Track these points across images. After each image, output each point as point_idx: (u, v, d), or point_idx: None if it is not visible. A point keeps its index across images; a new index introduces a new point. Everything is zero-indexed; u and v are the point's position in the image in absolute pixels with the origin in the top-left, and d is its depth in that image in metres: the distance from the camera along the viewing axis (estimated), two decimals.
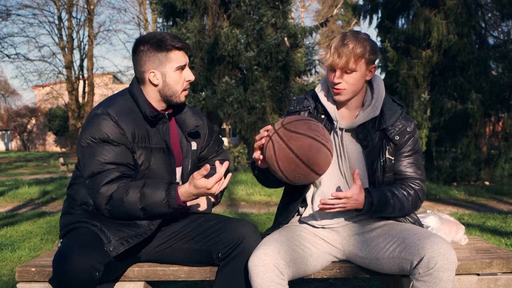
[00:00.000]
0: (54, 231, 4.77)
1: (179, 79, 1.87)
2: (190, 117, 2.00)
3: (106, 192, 1.74)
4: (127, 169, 1.80)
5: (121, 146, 1.78)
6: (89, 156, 1.77)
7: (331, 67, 1.80)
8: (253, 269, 1.64)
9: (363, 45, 1.78)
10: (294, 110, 1.98)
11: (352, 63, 1.77)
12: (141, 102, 1.86)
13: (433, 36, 9.83)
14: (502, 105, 9.95)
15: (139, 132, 1.83)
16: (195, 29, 11.62)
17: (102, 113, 1.79)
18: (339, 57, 1.76)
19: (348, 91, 1.83)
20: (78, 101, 28.10)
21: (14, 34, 39.71)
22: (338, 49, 1.76)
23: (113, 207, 1.75)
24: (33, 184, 9.45)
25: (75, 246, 1.63)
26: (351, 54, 1.75)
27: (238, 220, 1.90)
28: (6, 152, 32.59)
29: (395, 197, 1.81)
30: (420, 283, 1.62)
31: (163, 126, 1.90)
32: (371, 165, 1.85)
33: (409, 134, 1.86)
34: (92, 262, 1.57)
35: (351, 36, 1.79)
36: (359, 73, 1.80)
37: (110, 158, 1.76)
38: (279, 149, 1.67)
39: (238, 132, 11.69)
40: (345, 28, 30.17)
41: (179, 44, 1.84)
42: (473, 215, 5.61)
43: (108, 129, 1.77)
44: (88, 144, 1.77)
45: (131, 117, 1.83)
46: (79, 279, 1.54)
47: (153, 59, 1.83)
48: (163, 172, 1.89)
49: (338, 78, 1.80)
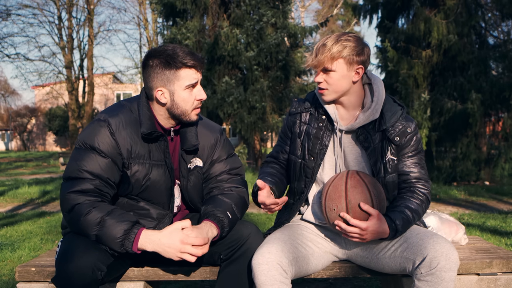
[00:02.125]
0: (54, 231, 4.77)
1: (189, 98, 1.77)
2: (193, 135, 1.86)
3: (71, 200, 1.66)
4: (104, 185, 1.71)
5: (107, 159, 1.72)
6: (72, 159, 1.74)
7: (310, 67, 1.83)
8: (256, 267, 1.64)
9: (342, 45, 1.76)
10: (295, 111, 1.99)
11: (328, 62, 1.77)
12: (142, 118, 1.77)
13: (433, 36, 9.84)
14: (502, 105, 9.95)
15: (138, 148, 1.77)
16: (195, 29, 11.61)
17: (103, 120, 1.75)
18: (313, 57, 1.79)
19: (330, 91, 1.83)
20: (78, 101, 28.08)
21: (14, 34, 39.70)
22: (316, 49, 1.79)
23: (71, 219, 1.68)
24: (33, 184, 9.45)
25: (79, 246, 1.62)
26: (327, 53, 1.76)
27: (241, 221, 1.88)
28: (6, 152, 32.58)
29: (414, 212, 1.79)
30: (422, 283, 1.63)
31: (163, 143, 1.82)
32: (374, 166, 1.85)
33: (410, 135, 1.85)
34: (95, 262, 1.56)
35: (334, 36, 1.80)
36: (338, 73, 1.79)
37: (90, 167, 1.69)
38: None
39: (238, 132, 11.68)
40: (345, 28, 30.16)
41: (191, 62, 1.72)
42: (473, 215, 5.61)
43: (101, 138, 1.72)
44: (79, 147, 1.75)
45: (133, 131, 1.76)
46: (82, 279, 1.53)
47: (161, 77, 1.74)
48: (162, 188, 1.84)
49: (318, 78, 1.83)
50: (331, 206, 1.74)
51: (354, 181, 1.74)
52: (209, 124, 1.99)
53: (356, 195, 1.71)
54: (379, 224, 1.69)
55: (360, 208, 1.70)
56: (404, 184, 1.87)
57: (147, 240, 1.61)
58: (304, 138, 1.93)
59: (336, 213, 1.73)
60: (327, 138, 1.89)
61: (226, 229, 1.77)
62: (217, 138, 1.96)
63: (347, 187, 1.73)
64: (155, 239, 1.61)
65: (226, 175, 1.94)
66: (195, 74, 1.76)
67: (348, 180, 1.75)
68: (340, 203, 1.72)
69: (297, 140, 1.95)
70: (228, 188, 1.91)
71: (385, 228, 1.70)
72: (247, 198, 1.95)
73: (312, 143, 1.90)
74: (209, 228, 1.71)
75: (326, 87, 1.83)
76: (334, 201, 1.73)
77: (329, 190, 1.77)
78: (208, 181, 1.94)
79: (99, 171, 1.70)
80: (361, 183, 1.74)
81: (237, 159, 2.02)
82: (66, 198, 1.68)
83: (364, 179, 1.76)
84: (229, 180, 1.94)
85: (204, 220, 1.74)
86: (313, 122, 1.93)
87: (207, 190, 1.93)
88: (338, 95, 1.85)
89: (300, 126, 1.95)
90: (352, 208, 1.71)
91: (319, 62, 1.78)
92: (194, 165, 1.90)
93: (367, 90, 1.91)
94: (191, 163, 1.89)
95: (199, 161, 1.91)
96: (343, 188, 1.73)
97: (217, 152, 1.95)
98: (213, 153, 1.94)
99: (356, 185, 1.73)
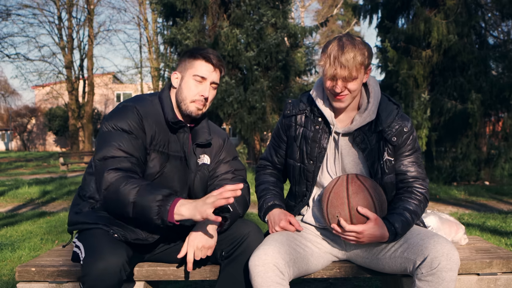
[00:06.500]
0: (54, 231, 4.77)
1: (193, 87, 1.86)
2: (205, 131, 1.98)
3: (109, 178, 1.70)
4: (138, 163, 1.78)
5: (138, 140, 1.79)
6: (105, 141, 1.78)
7: (333, 77, 1.74)
8: (253, 268, 1.65)
9: (362, 52, 1.73)
10: (290, 114, 1.97)
11: (355, 72, 1.72)
12: (166, 107, 1.88)
13: (433, 36, 9.83)
14: (502, 105, 9.95)
15: (159, 137, 1.85)
16: (195, 29, 11.62)
17: (131, 106, 1.83)
18: (342, 68, 1.70)
19: (349, 97, 1.80)
20: (78, 101, 28.08)
21: (14, 34, 39.69)
22: (339, 59, 1.70)
23: (109, 193, 1.70)
24: (33, 184, 9.46)
25: (106, 244, 1.63)
26: (354, 63, 1.70)
27: (241, 219, 1.91)
28: (6, 152, 32.59)
29: (413, 213, 1.79)
30: (423, 283, 1.63)
31: (183, 135, 1.91)
32: (371, 167, 1.85)
33: (407, 134, 1.84)
34: (123, 262, 1.59)
35: (348, 43, 1.71)
36: (359, 79, 1.77)
37: (125, 147, 1.75)
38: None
39: (238, 132, 11.68)
40: (345, 28, 30.17)
41: (208, 56, 1.86)
42: (473, 215, 5.62)
43: (132, 121, 1.79)
44: (109, 130, 1.79)
45: (155, 120, 1.85)
46: (112, 279, 1.55)
47: (182, 63, 1.91)
48: (175, 180, 1.89)
49: (340, 87, 1.75)
50: (333, 213, 1.74)
51: (355, 186, 1.74)
52: (217, 128, 2.09)
53: (359, 202, 1.71)
54: (376, 228, 1.69)
55: (359, 213, 1.71)
56: (401, 184, 1.87)
57: (183, 207, 1.61)
58: (301, 141, 1.92)
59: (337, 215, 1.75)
60: (324, 141, 1.89)
61: (227, 222, 1.82)
62: (224, 140, 2.06)
63: (349, 193, 1.73)
64: (191, 206, 1.61)
65: (230, 174, 2.02)
66: (208, 69, 1.87)
67: (349, 186, 1.74)
68: (343, 210, 1.72)
69: (293, 144, 1.95)
70: None
71: (383, 232, 1.71)
72: (248, 196, 2.00)
73: (310, 147, 1.89)
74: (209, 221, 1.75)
75: (347, 94, 1.78)
76: (336, 208, 1.74)
77: (330, 197, 1.76)
78: (213, 179, 2.01)
79: (133, 151, 1.77)
80: (362, 188, 1.74)
81: (240, 162, 2.11)
82: (105, 176, 1.70)
83: (365, 183, 1.76)
84: (232, 178, 2.01)
85: None
86: (309, 124, 1.91)
87: (211, 188, 1.99)
88: (353, 99, 1.83)
89: (296, 129, 1.94)
90: (355, 214, 1.71)
91: (350, 73, 1.71)
92: (202, 161, 1.98)
93: (363, 91, 1.90)
94: (200, 159, 1.97)
95: (207, 158, 1.99)
96: (344, 194, 1.73)
97: (223, 153, 2.04)
98: (220, 153, 2.03)
99: (358, 191, 1.73)
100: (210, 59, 1.86)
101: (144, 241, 1.80)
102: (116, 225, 1.77)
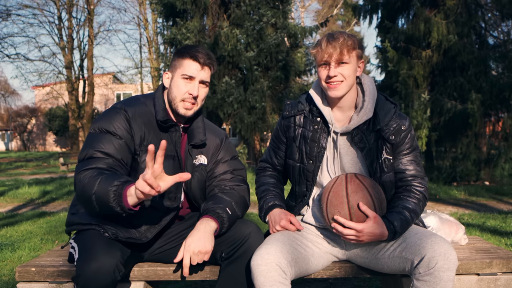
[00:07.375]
0: (54, 231, 4.77)
1: (182, 87, 1.87)
2: (200, 131, 1.96)
3: (81, 177, 1.68)
4: (117, 164, 1.75)
5: (121, 140, 1.78)
6: (87, 142, 1.79)
7: (325, 61, 1.79)
8: (255, 268, 1.64)
9: (351, 38, 1.81)
10: (289, 115, 1.98)
11: (346, 53, 1.78)
12: (157, 107, 1.89)
13: (433, 36, 9.84)
14: (502, 105, 9.96)
15: (150, 137, 1.84)
16: (195, 29, 11.61)
17: (119, 108, 1.83)
18: (333, 48, 1.76)
19: (344, 84, 1.81)
20: (78, 101, 28.08)
21: (14, 34, 39.63)
22: (330, 42, 1.78)
23: (79, 191, 1.69)
24: (33, 184, 9.46)
25: (100, 245, 1.63)
26: (344, 45, 1.77)
27: (242, 220, 1.90)
28: (6, 152, 32.56)
29: (412, 212, 1.80)
30: (421, 282, 1.63)
31: (175, 134, 1.91)
32: (370, 166, 1.85)
33: (405, 132, 1.85)
34: (117, 263, 1.58)
35: (338, 32, 1.82)
36: (352, 65, 1.81)
37: (104, 148, 1.75)
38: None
39: (238, 132, 11.68)
40: (345, 28, 30.16)
41: (196, 55, 1.85)
42: (473, 215, 5.62)
43: (116, 122, 1.79)
44: (94, 131, 1.80)
45: (145, 121, 1.85)
46: (104, 279, 1.54)
47: (173, 63, 1.92)
48: None
49: (333, 71, 1.78)
50: (333, 212, 1.75)
51: (354, 185, 1.75)
52: (215, 128, 2.08)
53: (358, 200, 1.72)
54: (375, 226, 1.70)
55: (360, 210, 1.71)
56: (400, 183, 1.87)
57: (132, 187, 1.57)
58: (300, 141, 1.93)
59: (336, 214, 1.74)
60: (324, 140, 1.89)
61: (225, 225, 1.81)
62: (222, 140, 2.04)
63: (348, 192, 1.73)
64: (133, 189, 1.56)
65: (228, 174, 2.01)
66: (196, 68, 1.86)
67: (348, 185, 1.75)
68: (343, 209, 1.73)
69: (293, 144, 1.95)
70: (230, 187, 1.97)
71: (383, 231, 1.71)
72: (247, 197, 2.00)
73: (309, 147, 1.90)
74: (207, 223, 1.75)
75: (342, 80, 1.80)
76: (336, 207, 1.74)
77: (330, 196, 1.76)
78: (211, 180, 2.00)
79: (113, 151, 1.76)
80: (361, 187, 1.74)
81: (240, 162, 2.09)
82: (78, 177, 1.70)
83: (364, 182, 1.76)
84: (231, 179, 2.00)
85: (203, 217, 1.79)
86: (308, 125, 1.92)
87: (210, 189, 1.98)
88: (349, 89, 1.84)
89: (295, 129, 1.95)
90: (355, 213, 1.71)
91: (340, 53, 1.77)
92: (199, 162, 1.96)
93: (358, 90, 1.91)
94: (197, 159, 1.96)
95: (204, 158, 1.98)
96: (344, 193, 1.74)
97: (221, 153, 2.03)
98: (217, 153, 2.02)
99: (357, 190, 1.73)
100: (197, 58, 1.85)
101: (138, 241, 1.79)
102: (108, 224, 1.76)
